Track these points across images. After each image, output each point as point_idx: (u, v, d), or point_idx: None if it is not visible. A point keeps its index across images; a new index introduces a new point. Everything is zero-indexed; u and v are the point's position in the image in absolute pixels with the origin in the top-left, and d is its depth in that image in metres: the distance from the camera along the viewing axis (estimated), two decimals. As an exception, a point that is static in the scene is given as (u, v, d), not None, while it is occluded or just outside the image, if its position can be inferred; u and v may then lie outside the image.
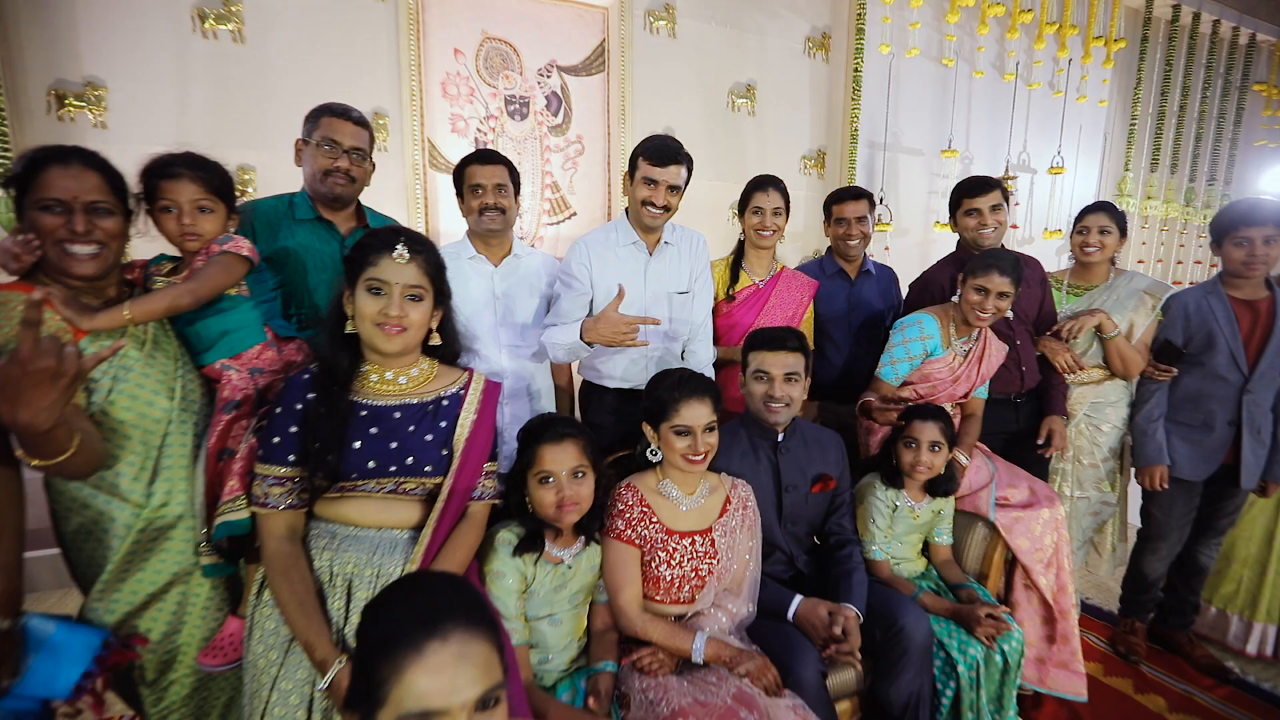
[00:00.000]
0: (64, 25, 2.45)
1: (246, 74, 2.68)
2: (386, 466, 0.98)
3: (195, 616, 1.05)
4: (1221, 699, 1.80)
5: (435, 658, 0.61)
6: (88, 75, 2.52)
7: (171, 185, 1.06)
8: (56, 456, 0.82)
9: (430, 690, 0.60)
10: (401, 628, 0.63)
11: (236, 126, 2.66)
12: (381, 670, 0.62)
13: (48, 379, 0.75)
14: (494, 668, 0.64)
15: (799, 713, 1.11)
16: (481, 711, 0.62)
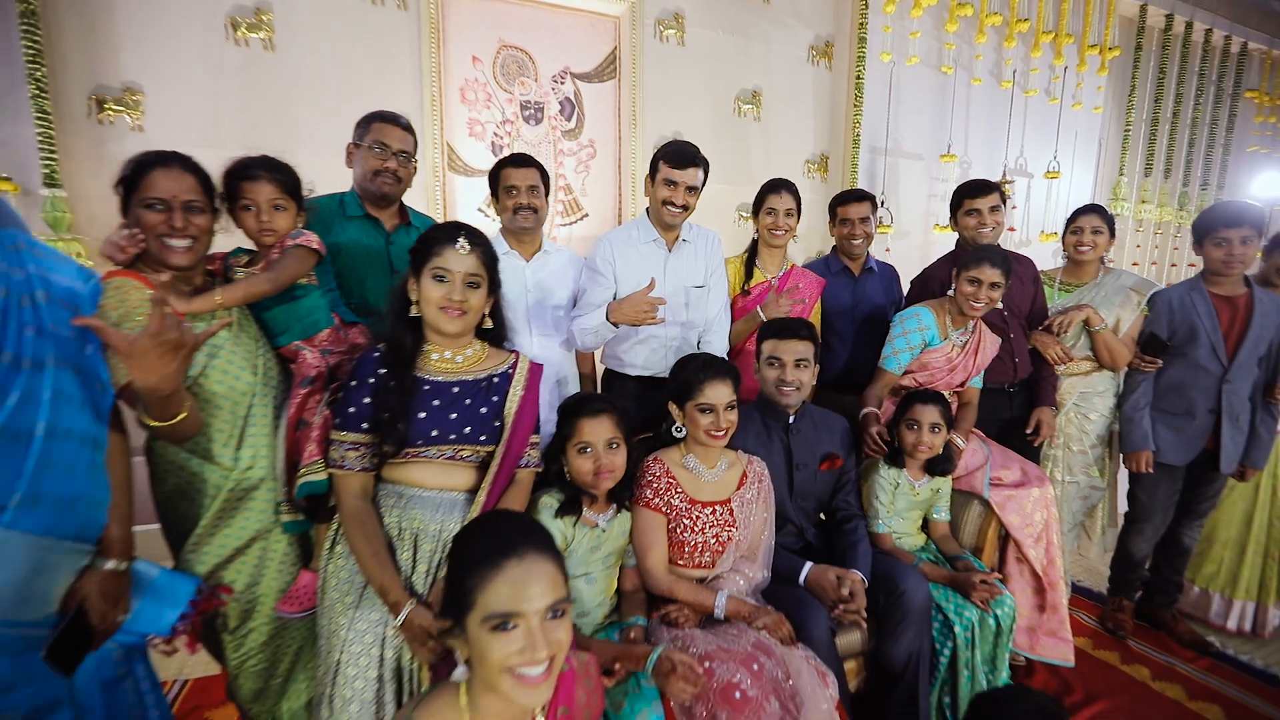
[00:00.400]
0: (104, 34, 2.58)
1: (276, 80, 2.82)
2: (447, 435, 1.11)
3: (273, 569, 1.18)
4: (1202, 670, 1.94)
5: (513, 572, 0.75)
6: (126, 81, 2.65)
7: (251, 186, 1.20)
8: (172, 419, 0.96)
9: (509, 597, 0.74)
10: (486, 549, 0.77)
11: (266, 129, 2.79)
12: (470, 582, 0.75)
13: (171, 349, 0.89)
14: (560, 586, 0.78)
15: (811, 663, 1.25)
16: (551, 619, 0.76)
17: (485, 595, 0.75)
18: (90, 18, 2.53)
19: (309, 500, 1.16)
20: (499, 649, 0.74)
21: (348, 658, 1.06)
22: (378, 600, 1.07)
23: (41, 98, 2.44)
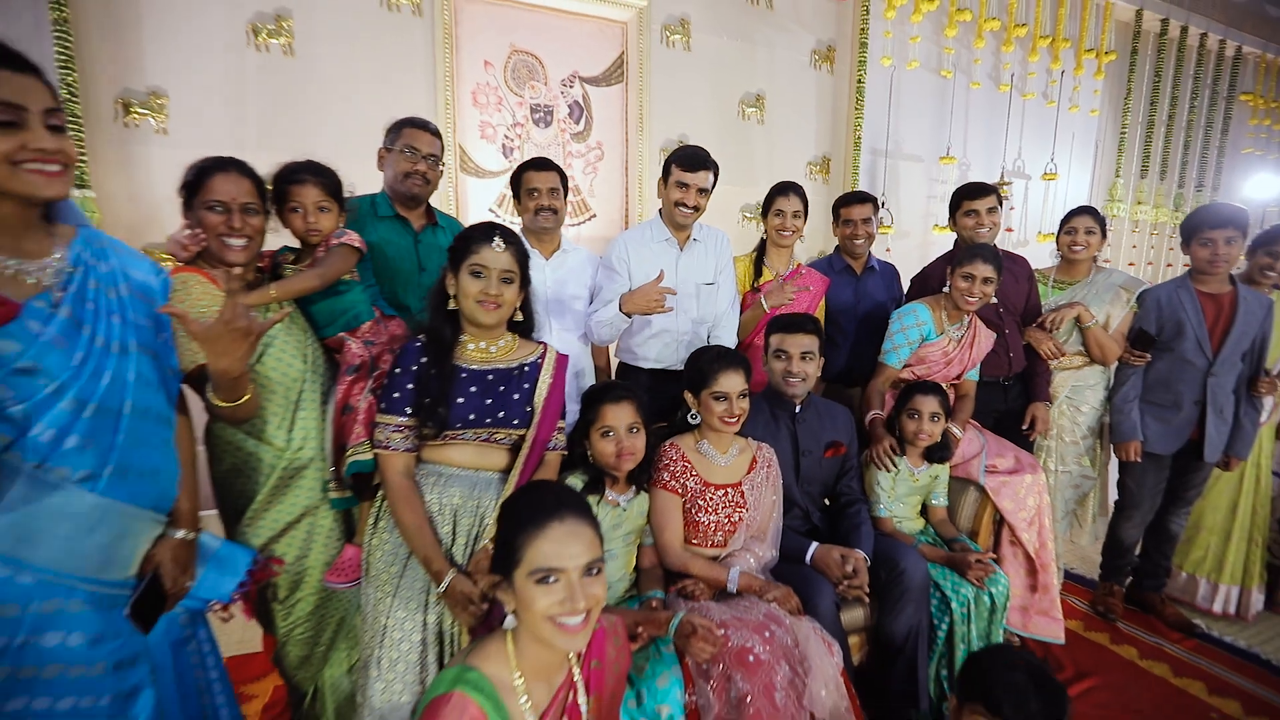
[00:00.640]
0: (130, 39, 2.68)
1: (295, 84, 2.91)
2: (483, 419, 1.22)
3: (320, 543, 1.28)
4: (1188, 650, 2.05)
5: (556, 532, 0.86)
6: (151, 85, 2.75)
7: (298, 189, 1.30)
8: (238, 399, 1.06)
9: (552, 554, 0.85)
10: (533, 513, 0.88)
11: (285, 132, 2.89)
12: (518, 541, 0.86)
13: (242, 335, 1.00)
14: (596, 547, 0.89)
15: (818, 632, 1.35)
16: (588, 576, 0.86)
17: (531, 552, 0.85)
18: (117, 23, 2.62)
19: (354, 479, 1.26)
20: (543, 600, 0.85)
21: (394, 622, 1.17)
22: (421, 570, 1.18)
23: (72, 102, 2.52)
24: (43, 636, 0.92)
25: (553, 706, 0.91)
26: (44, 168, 0.88)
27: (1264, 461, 2.20)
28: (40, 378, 0.88)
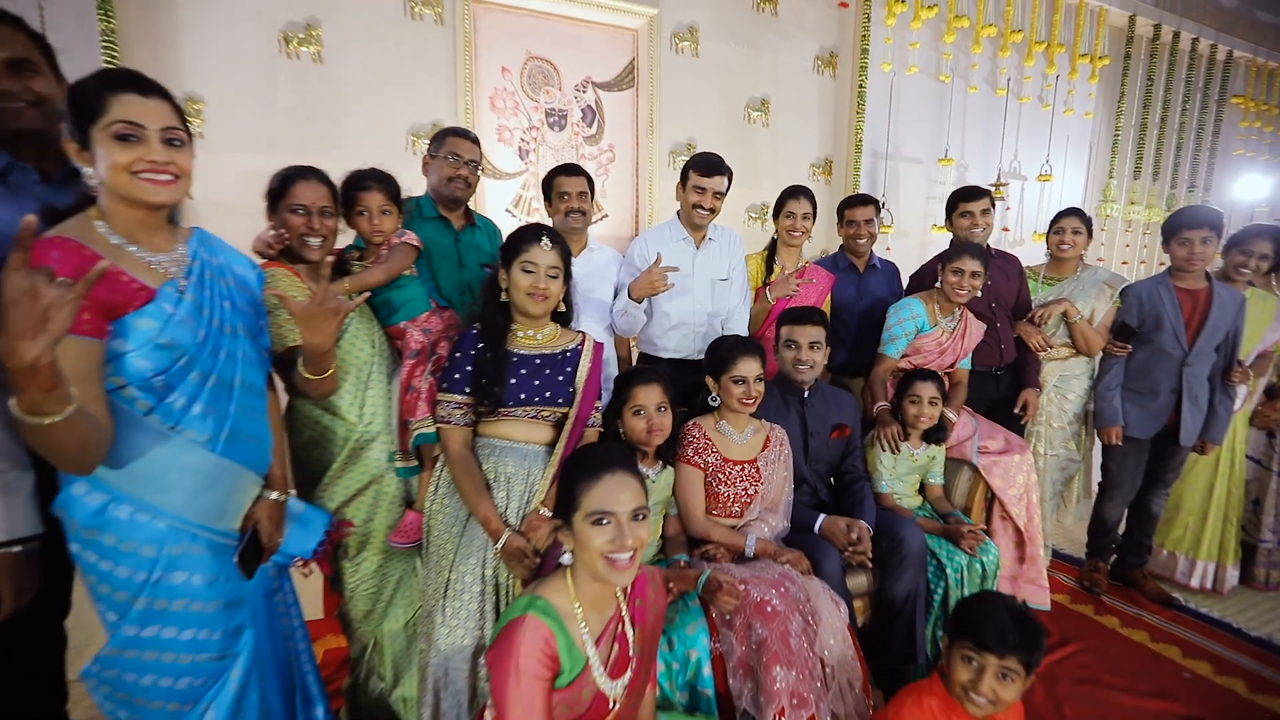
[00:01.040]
0: (169, 47, 2.85)
1: (324, 90, 3.08)
2: (532, 398, 1.40)
3: (384, 508, 1.46)
4: (1166, 619, 2.24)
5: (609, 482, 1.04)
6: (188, 91, 2.91)
7: (364, 195, 1.48)
8: (325, 372, 1.25)
9: (605, 500, 1.03)
10: (591, 466, 1.06)
11: (314, 136, 3.06)
12: (577, 489, 1.04)
13: (331, 313, 1.18)
14: (641, 497, 1.07)
15: (826, 591, 1.54)
16: (634, 520, 1.04)
17: (588, 498, 1.03)
18: (157, 34, 2.79)
19: (417, 451, 1.43)
20: (597, 539, 1.03)
21: (456, 576, 1.35)
22: (479, 530, 1.36)
23: (118, 108, 2.69)
24: (172, 575, 1.10)
25: (605, 633, 1.09)
26: (156, 177, 1.05)
27: (1238, 446, 2.39)
28: (174, 352, 1.06)
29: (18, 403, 0.84)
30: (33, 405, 0.83)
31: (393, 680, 1.59)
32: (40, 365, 0.81)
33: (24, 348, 0.79)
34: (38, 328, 0.79)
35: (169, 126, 1.06)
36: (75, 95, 1.03)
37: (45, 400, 0.83)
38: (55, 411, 0.85)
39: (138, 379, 1.04)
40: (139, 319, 1.03)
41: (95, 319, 0.98)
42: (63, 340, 0.86)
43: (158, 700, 1.13)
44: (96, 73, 1.05)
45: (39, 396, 0.83)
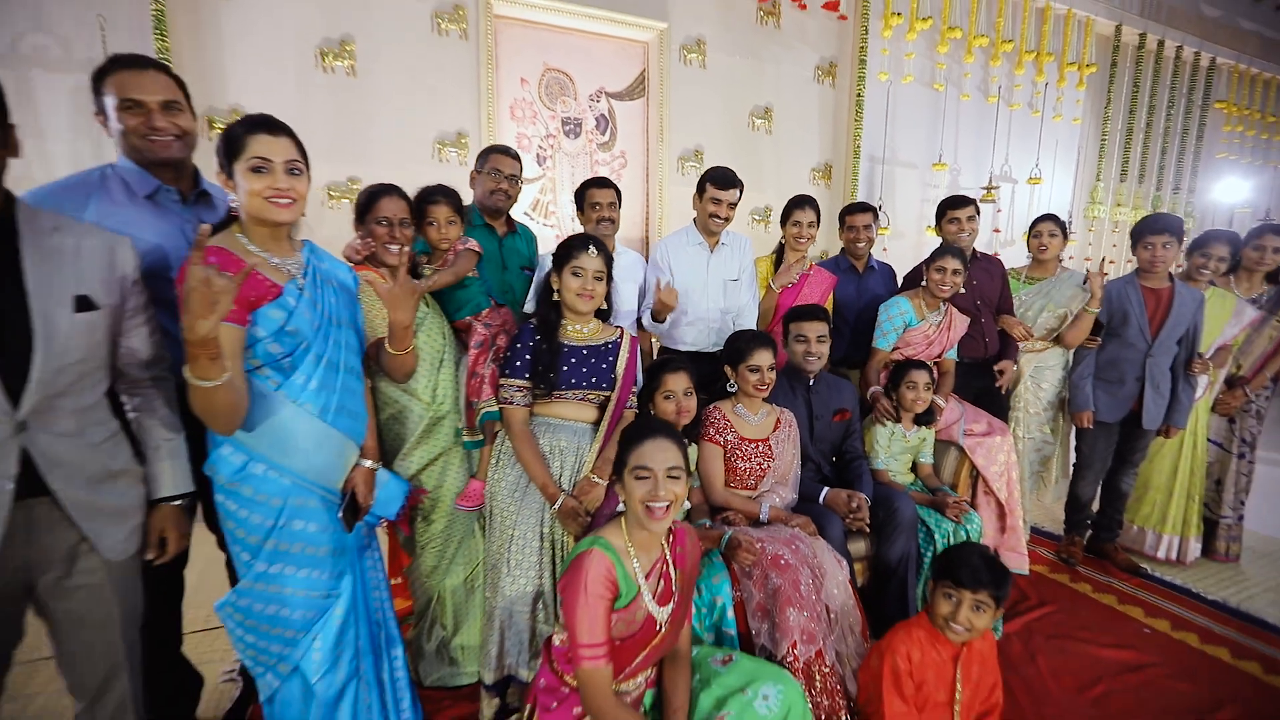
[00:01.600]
0: (215, 62, 3.10)
1: (357, 101, 3.35)
2: (580, 383, 1.67)
3: (452, 476, 1.74)
4: (1133, 586, 2.54)
5: (650, 444, 1.31)
6: (232, 103, 3.17)
7: (433, 208, 1.74)
8: (406, 348, 1.52)
9: (646, 458, 1.30)
10: (640, 432, 1.33)
11: (348, 145, 3.32)
12: (628, 450, 1.32)
13: (411, 293, 1.46)
14: (678, 458, 1.33)
15: (830, 551, 1.81)
16: (669, 478, 1.30)
17: (633, 457, 1.31)
18: (204, 49, 3.04)
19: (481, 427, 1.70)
20: (639, 489, 1.30)
21: (518, 533, 1.62)
22: (536, 494, 1.63)
23: (170, 119, 2.93)
24: (293, 523, 1.36)
25: (653, 570, 1.37)
26: (280, 201, 1.31)
27: (1200, 430, 2.68)
28: (297, 338, 1.32)
29: (191, 370, 1.11)
30: (202, 371, 1.11)
31: (453, 629, 1.85)
32: (210, 338, 1.08)
33: (200, 324, 1.06)
34: (210, 308, 1.06)
35: (290, 159, 1.32)
36: (225, 139, 1.29)
37: (211, 367, 1.11)
38: (216, 377, 1.12)
39: (269, 360, 1.31)
40: (271, 310, 1.30)
41: (239, 310, 1.24)
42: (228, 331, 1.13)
43: (277, 628, 1.40)
44: (241, 119, 1.31)
45: (207, 364, 1.10)
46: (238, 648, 1.44)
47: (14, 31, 2.77)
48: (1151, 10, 5.51)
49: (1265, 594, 2.54)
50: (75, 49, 2.85)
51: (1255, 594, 2.53)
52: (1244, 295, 2.66)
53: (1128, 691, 1.94)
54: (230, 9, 3.08)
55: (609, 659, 1.25)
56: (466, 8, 3.47)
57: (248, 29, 3.11)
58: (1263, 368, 2.68)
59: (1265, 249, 2.58)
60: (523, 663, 1.64)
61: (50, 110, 2.84)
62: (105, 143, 2.84)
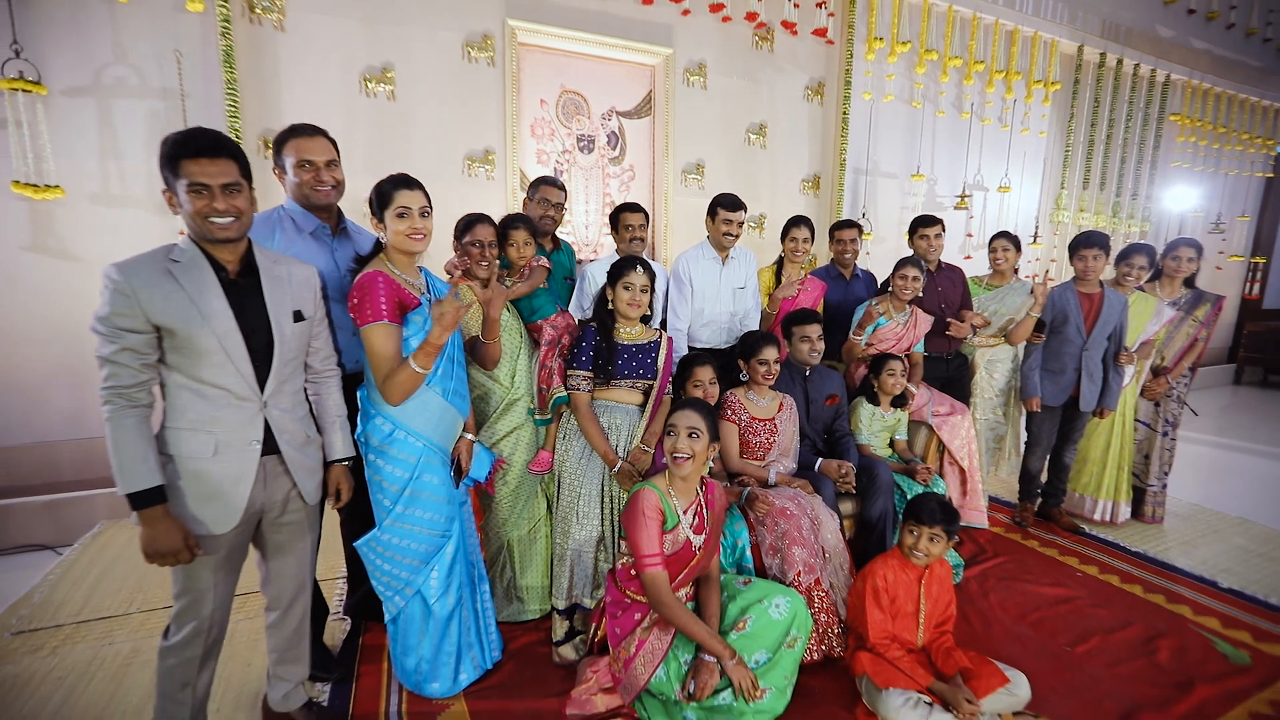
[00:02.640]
0: (271, 89, 3.55)
1: (396, 122, 3.82)
2: (631, 374, 2.19)
3: (523, 447, 2.26)
4: (1073, 542, 3.16)
5: (680, 413, 1.87)
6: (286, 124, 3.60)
7: (513, 232, 2.25)
8: (494, 338, 2.07)
9: (675, 420, 1.84)
10: (676, 406, 1.86)
11: (388, 161, 3.78)
12: (668, 418, 1.85)
13: (502, 294, 2.00)
14: (699, 423, 1.87)
15: (824, 506, 2.36)
16: (690, 438, 1.84)
17: (670, 420, 1.84)
18: (260, 78, 3.50)
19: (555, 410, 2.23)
20: (668, 443, 1.83)
21: (584, 491, 2.14)
22: (597, 460, 2.15)
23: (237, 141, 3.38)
24: (423, 476, 1.88)
25: (689, 508, 1.90)
26: (415, 238, 1.81)
27: (1129, 412, 3.30)
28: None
29: (418, 361, 1.73)
30: (424, 363, 1.72)
31: (519, 571, 2.37)
32: (442, 344, 1.70)
33: (444, 335, 1.71)
34: (452, 325, 1.69)
35: (423, 206, 1.83)
36: (377, 191, 1.79)
37: (429, 361, 1.70)
38: (429, 368, 1.67)
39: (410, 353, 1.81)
40: (415, 315, 1.81)
41: (396, 314, 1.75)
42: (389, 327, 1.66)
43: (406, 558, 1.91)
44: (388, 177, 1.81)
45: (427, 359, 1.71)
46: (374, 576, 1.95)
47: (98, 64, 3.20)
48: (1111, 32, 6.18)
49: (1179, 547, 3.16)
50: (151, 79, 3.29)
51: (1171, 547, 3.16)
52: (1166, 298, 3.28)
53: (1058, 617, 2.53)
54: (284, 41, 3.53)
55: (664, 565, 1.78)
56: (494, 37, 3.96)
57: (300, 59, 3.57)
58: (1181, 359, 3.30)
59: (1180, 259, 3.20)
60: (586, 593, 2.17)
61: (128, 134, 3.28)
62: None
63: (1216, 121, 7.17)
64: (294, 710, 1.86)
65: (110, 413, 1.38)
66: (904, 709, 1.83)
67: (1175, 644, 2.36)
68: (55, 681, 2.03)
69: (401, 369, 1.74)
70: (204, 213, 1.42)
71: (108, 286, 1.37)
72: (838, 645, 2.18)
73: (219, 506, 1.50)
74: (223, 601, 1.61)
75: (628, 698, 1.88)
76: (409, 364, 1.74)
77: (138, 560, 2.83)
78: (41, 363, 3.25)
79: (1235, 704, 2.06)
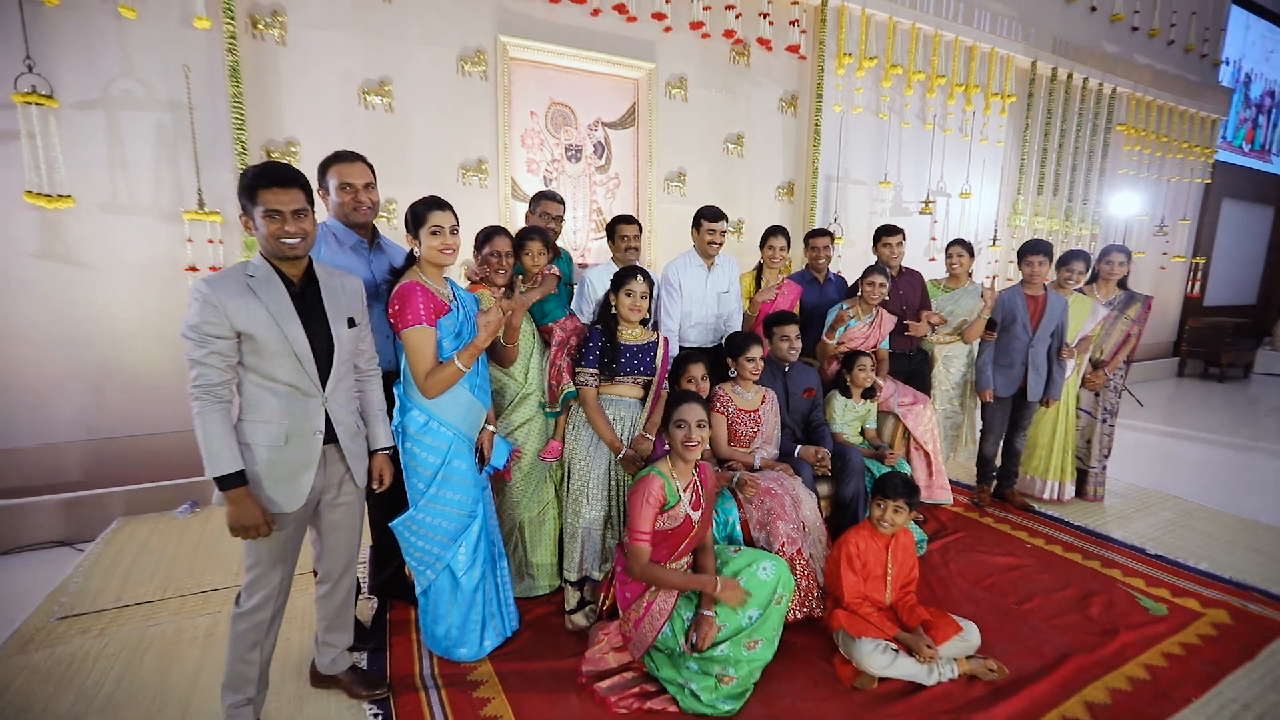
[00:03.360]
0: (273, 102, 3.77)
1: (394, 132, 4.07)
2: (632, 371, 2.52)
3: (535, 437, 2.57)
4: (1024, 518, 3.60)
5: (686, 407, 2.20)
6: (287, 135, 3.84)
7: (529, 243, 2.56)
8: (514, 342, 2.36)
9: (684, 414, 2.18)
10: (679, 400, 2.21)
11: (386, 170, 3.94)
12: (673, 410, 2.19)
13: (524, 306, 2.32)
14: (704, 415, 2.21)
15: (803, 487, 2.71)
16: (698, 428, 2.17)
17: (676, 414, 2.18)
18: (263, 90, 3.71)
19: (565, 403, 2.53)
20: (678, 434, 2.17)
21: (593, 475, 2.45)
22: (603, 448, 2.47)
23: (243, 153, 3.60)
24: (453, 461, 2.18)
25: (688, 487, 2.24)
26: (447, 252, 2.10)
27: (1071, 401, 3.75)
28: (460, 339, 2.11)
29: (461, 360, 2.04)
30: (466, 363, 2.03)
31: (529, 549, 2.66)
32: (484, 347, 2.00)
33: (488, 340, 2.04)
34: (495, 331, 2.00)
35: (454, 225, 2.11)
36: (412, 212, 2.07)
37: (471, 361, 1.99)
38: (470, 366, 1.96)
39: (445, 354, 2.09)
40: (446, 320, 2.09)
41: (432, 319, 2.03)
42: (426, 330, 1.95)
43: (437, 534, 2.20)
44: (423, 199, 2.09)
45: (470, 359, 2.03)
46: (407, 553, 2.23)
47: (106, 77, 3.38)
48: (1061, 48, 6.72)
49: (1115, 521, 3.62)
50: (158, 92, 3.49)
51: (1109, 521, 3.61)
52: (1102, 299, 3.73)
53: (1007, 581, 2.94)
54: (286, 55, 3.76)
55: (649, 544, 2.10)
56: (487, 52, 4.23)
57: (301, 72, 3.79)
58: (1117, 353, 3.76)
59: (1113, 263, 3.66)
60: (595, 566, 2.48)
61: (135, 144, 3.47)
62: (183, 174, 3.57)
63: (1159, 131, 7.80)
64: (340, 673, 2.13)
65: (199, 408, 1.64)
66: (874, 654, 2.19)
67: (1105, 600, 2.78)
68: (110, 658, 2.26)
69: (445, 366, 2.04)
70: (277, 234, 1.69)
71: (197, 298, 1.63)
72: (817, 607, 2.53)
73: (289, 488, 1.77)
74: (288, 573, 1.87)
75: (637, 653, 2.19)
76: (453, 362, 2.04)
77: (163, 551, 3.05)
78: (51, 366, 3.41)
79: (1151, 646, 2.48)
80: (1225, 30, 8.60)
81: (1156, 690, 2.22)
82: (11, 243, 3.27)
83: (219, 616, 2.52)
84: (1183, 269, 8.93)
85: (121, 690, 2.10)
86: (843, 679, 2.25)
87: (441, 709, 2.07)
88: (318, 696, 2.11)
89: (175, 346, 3.63)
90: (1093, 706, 2.13)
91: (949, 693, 2.18)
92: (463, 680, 2.21)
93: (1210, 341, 8.38)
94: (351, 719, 2.01)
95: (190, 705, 2.03)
